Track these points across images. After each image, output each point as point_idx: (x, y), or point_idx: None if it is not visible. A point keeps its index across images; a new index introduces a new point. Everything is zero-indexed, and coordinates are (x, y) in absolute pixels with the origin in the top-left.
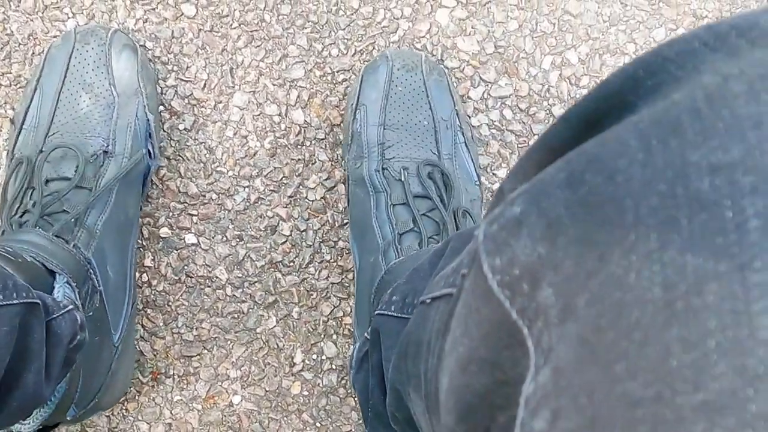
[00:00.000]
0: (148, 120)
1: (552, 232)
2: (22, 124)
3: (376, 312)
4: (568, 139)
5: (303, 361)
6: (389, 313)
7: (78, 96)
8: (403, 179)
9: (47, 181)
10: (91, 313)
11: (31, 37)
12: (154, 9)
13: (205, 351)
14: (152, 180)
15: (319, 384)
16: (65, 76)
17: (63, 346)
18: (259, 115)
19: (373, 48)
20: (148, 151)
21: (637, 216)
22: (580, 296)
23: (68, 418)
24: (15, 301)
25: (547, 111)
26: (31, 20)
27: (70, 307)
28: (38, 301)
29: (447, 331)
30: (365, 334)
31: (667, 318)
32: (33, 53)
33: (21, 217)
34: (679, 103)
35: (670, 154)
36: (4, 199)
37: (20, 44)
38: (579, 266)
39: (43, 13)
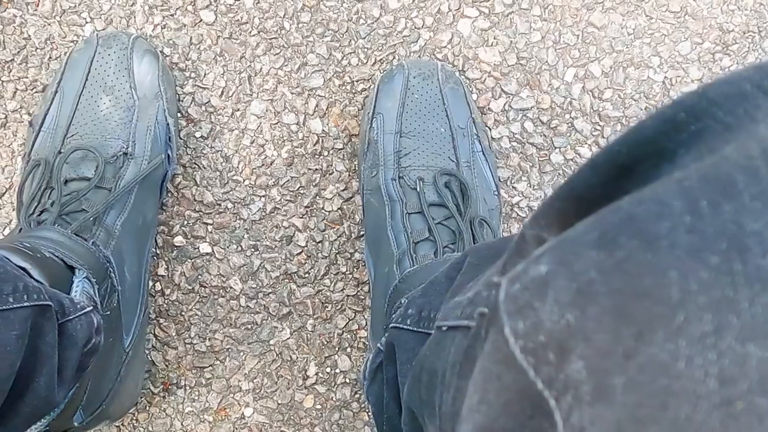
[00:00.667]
0: (167, 124)
1: (582, 299)
2: (41, 126)
3: (391, 325)
4: (597, 187)
5: (316, 374)
6: (405, 326)
7: (98, 98)
8: (418, 188)
9: (66, 182)
10: (108, 312)
11: (48, 42)
12: (172, 15)
13: (218, 362)
14: (168, 187)
15: (332, 398)
16: (86, 79)
17: (77, 349)
18: (276, 123)
19: (394, 57)
20: (168, 155)
21: (684, 292)
22: (617, 377)
23: (75, 424)
24: (26, 304)
25: (569, 124)
26: (49, 24)
27: (88, 309)
28: (50, 303)
29: (462, 375)
30: (378, 345)
31: (724, 419)
32: (50, 58)
33: (39, 215)
34: (732, 158)
35: (722, 220)
36: (20, 200)
37: (37, 48)
38: (615, 342)
39: (60, 17)
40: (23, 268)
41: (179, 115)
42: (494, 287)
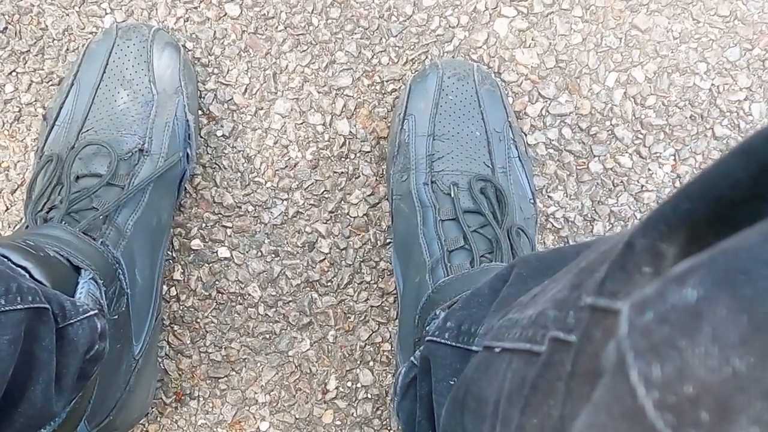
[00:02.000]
0: (187, 121)
1: (760, 339)
2: (55, 120)
3: (428, 338)
4: (745, 183)
5: (337, 388)
6: (442, 340)
7: (116, 92)
8: (453, 194)
9: (77, 178)
10: (116, 317)
11: (66, 33)
12: (196, 8)
13: (233, 373)
14: (186, 188)
15: (352, 413)
16: (104, 72)
17: (78, 355)
18: (301, 123)
19: (426, 57)
20: (186, 154)
21: None
22: None
23: None
24: (19, 306)
25: (609, 131)
26: (67, 14)
27: (91, 312)
28: (47, 305)
29: (528, 412)
30: (412, 359)
31: None
32: (67, 49)
33: (47, 212)
34: None
35: None
36: (29, 195)
37: (54, 39)
38: None
39: (79, 7)
40: (24, 267)
41: (200, 112)
42: (580, 309)
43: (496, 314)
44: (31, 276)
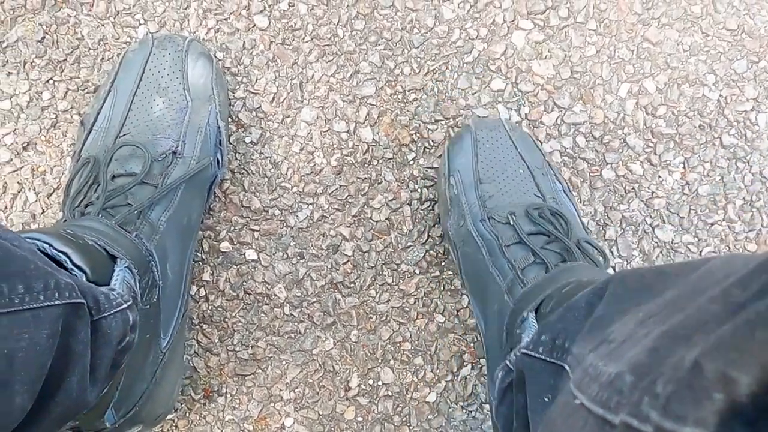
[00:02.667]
0: (219, 127)
1: None
2: (93, 125)
3: (522, 350)
4: None
5: (359, 385)
6: (536, 354)
7: (152, 99)
8: (512, 222)
9: (113, 177)
10: (147, 306)
11: (101, 42)
12: (226, 19)
13: (260, 370)
14: (216, 192)
15: (374, 410)
16: (140, 80)
17: (111, 347)
18: (327, 131)
19: (447, 68)
20: (217, 159)
21: None
22: None
23: (107, 425)
24: (57, 302)
25: (622, 140)
26: (103, 25)
27: (123, 305)
28: (83, 300)
29: None
30: (507, 363)
31: None
32: (102, 59)
33: (85, 208)
34: None
35: None
36: (67, 193)
37: (90, 49)
38: None
39: (114, 18)
40: (65, 253)
41: (230, 119)
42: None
43: (588, 338)
44: (71, 261)
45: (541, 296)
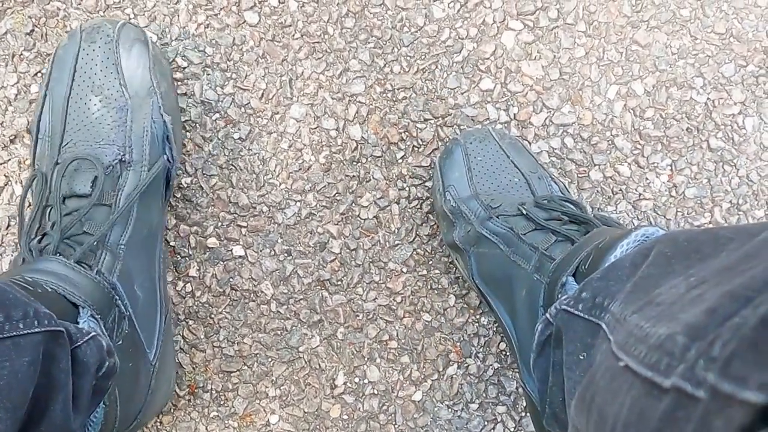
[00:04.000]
0: (164, 122)
1: None
2: (37, 134)
3: (562, 306)
4: None
5: (345, 383)
6: (576, 311)
7: (88, 100)
8: (524, 212)
9: (64, 199)
10: (120, 342)
11: None
12: (216, 15)
13: (245, 367)
14: (172, 185)
15: (359, 408)
16: (73, 80)
17: (90, 374)
18: (316, 128)
19: (436, 67)
20: (168, 157)
21: None
22: None
23: None
24: (37, 329)
25: (610, 141)
26: (92, 19)
27: (93, 333)
28: (62, 329)
29: None
30: (547, 316)
31: None
32: None
33: (40, 241)
34: None
35: None
36: (21, 219)
37: None
38: None
39: (104, 12)
40: None
41: (218, 115)
42: (703, 380)
43: (631, 298)
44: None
45: (576, 260)
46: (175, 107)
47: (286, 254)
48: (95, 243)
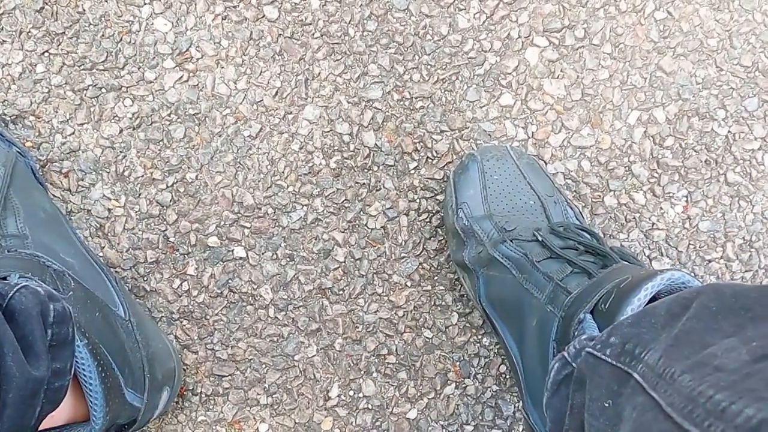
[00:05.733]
0: None
1: None
2: None
3: (587, 348)
4: None
5: (339, 396)
6: (603, 356)
7: None
8: (540, 239)
9: None
10: (70, 293)
11: (102, 19)
12: (235, 7)
13: (238, 372)
14: (42, 177)
15: (352, 422)
16: None
17: (34, 319)
18: (329, 131)
19: (457, 78)
20: (16, 148)
21: None
22: None
23: (139, 405)
24: None
25: (627, 168)
26: (106, 1)
27: (24, 283)
28: None
29: None
30: (565, 355)
31: None
32: (103, 35)
33: None
34: None
35: None
36: None
37: (90, 24)
38: None
39: None
40: None
41: (228, 111)
42: None
43: (675, 352)
44: None
45: (595, 297)
46: None
47: (288, 259)
48: None
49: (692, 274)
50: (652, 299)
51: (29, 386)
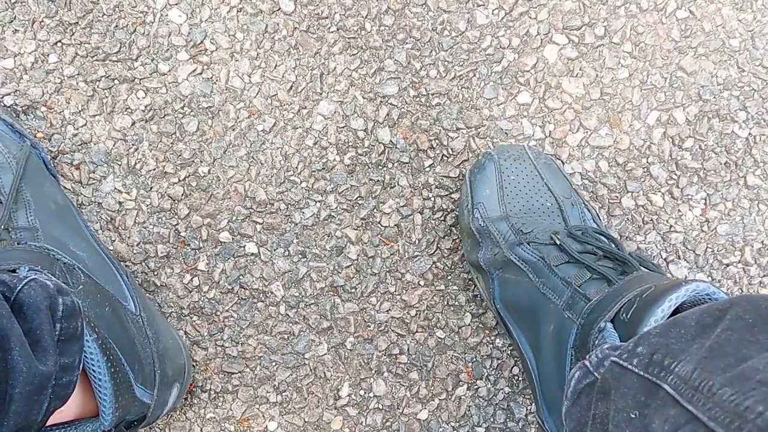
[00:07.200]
0: (2, 119)
1: None
2: None
3: (612, 358)
4: None
5: (349, 395)
6: (630, 366)
7: None
8: (558, 242)
9: None
10: (80, 286)
11: (116, 9)
12: None
13: (248, 369)
14: (55, 168)
15: (362, 422)
16: None
17: (42, 313)
18: (343, 127)
19: (474, 75)
20: (29, 141)
21: None
22: None
23: (147, 401)
24: None
25: (645, 169)
26: None
27: (33, 276)
28: None
29: None
30: (587, 364)
31: None
32: (116, 26)
33: None
34: None
35: None
36: None
37: (104, 14)
38: None
39: None
40: None
41: (242, 105)
42: None
43: (710, 364)
44: None
45: (616, 305)
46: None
47: (300, 256)
48: (4, 229)
49: (710, 279)
50: (676, 310)
51: (36, 381)
